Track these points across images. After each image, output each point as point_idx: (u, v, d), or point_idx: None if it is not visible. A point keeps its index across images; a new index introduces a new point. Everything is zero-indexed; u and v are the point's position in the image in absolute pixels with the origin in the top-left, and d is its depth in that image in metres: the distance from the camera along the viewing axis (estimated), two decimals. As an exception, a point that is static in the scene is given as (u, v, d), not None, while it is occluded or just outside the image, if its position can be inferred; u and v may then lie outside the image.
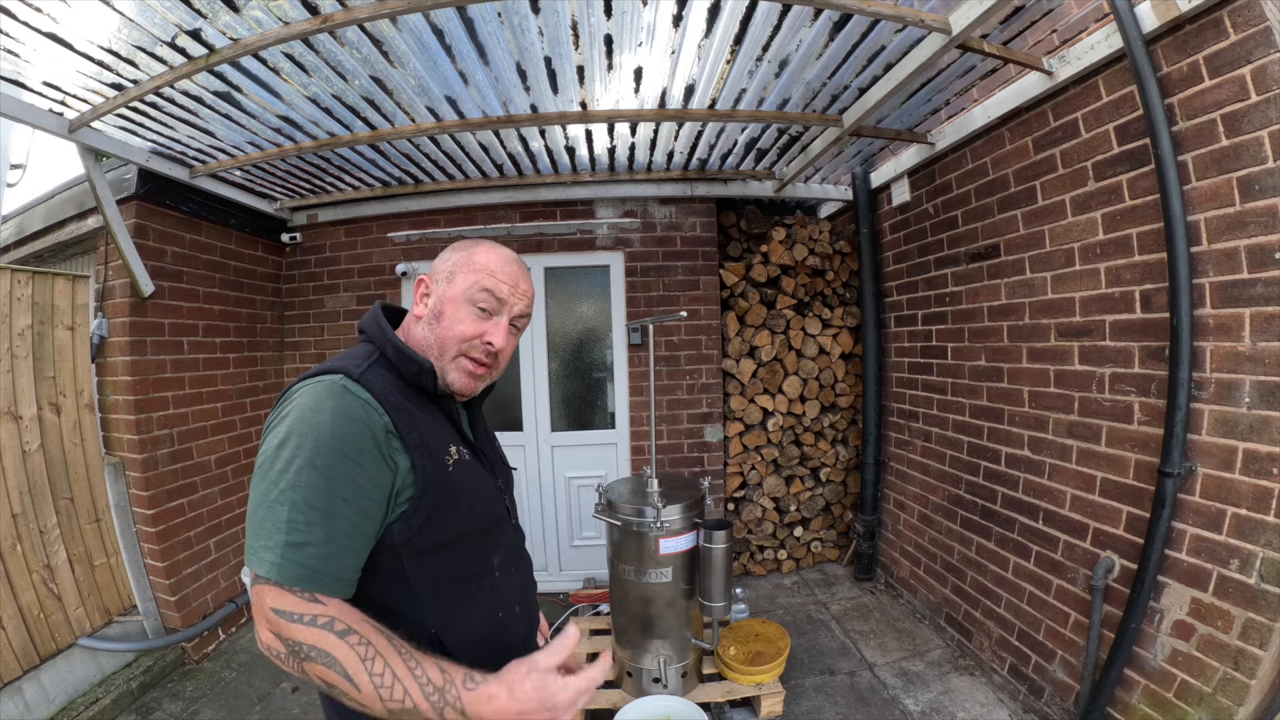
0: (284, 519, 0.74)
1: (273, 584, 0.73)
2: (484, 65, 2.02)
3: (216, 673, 2.77)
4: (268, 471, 0.77)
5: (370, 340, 0.96)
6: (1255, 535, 1.57)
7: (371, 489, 0.80)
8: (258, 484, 0.78)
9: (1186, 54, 1.67)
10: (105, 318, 2.72)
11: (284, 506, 0.75)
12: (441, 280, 0.97)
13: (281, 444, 0.78)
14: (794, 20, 1.84)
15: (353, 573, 0.79)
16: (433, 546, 0.87)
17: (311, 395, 0.81)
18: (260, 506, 0.76)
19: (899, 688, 2.53)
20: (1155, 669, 1.82)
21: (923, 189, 2.99)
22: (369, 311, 1.01)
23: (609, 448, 3.66)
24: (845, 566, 3.79)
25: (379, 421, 0.82)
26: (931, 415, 3.04)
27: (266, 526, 0.75)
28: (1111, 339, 1.99)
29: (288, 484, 0.75)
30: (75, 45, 1.77)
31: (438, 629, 0.87)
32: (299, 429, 0.78)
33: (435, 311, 0.96)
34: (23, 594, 2.32)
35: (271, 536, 0.74)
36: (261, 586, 0.74)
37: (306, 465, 0.76)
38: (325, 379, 0.84)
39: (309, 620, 0.72)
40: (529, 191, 3.43)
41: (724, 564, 2.20)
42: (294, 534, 0.74)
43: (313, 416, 0.79)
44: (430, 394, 0.94)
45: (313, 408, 0.80)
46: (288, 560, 0.73)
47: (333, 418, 0.79)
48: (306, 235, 3.68)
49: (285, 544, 0.73)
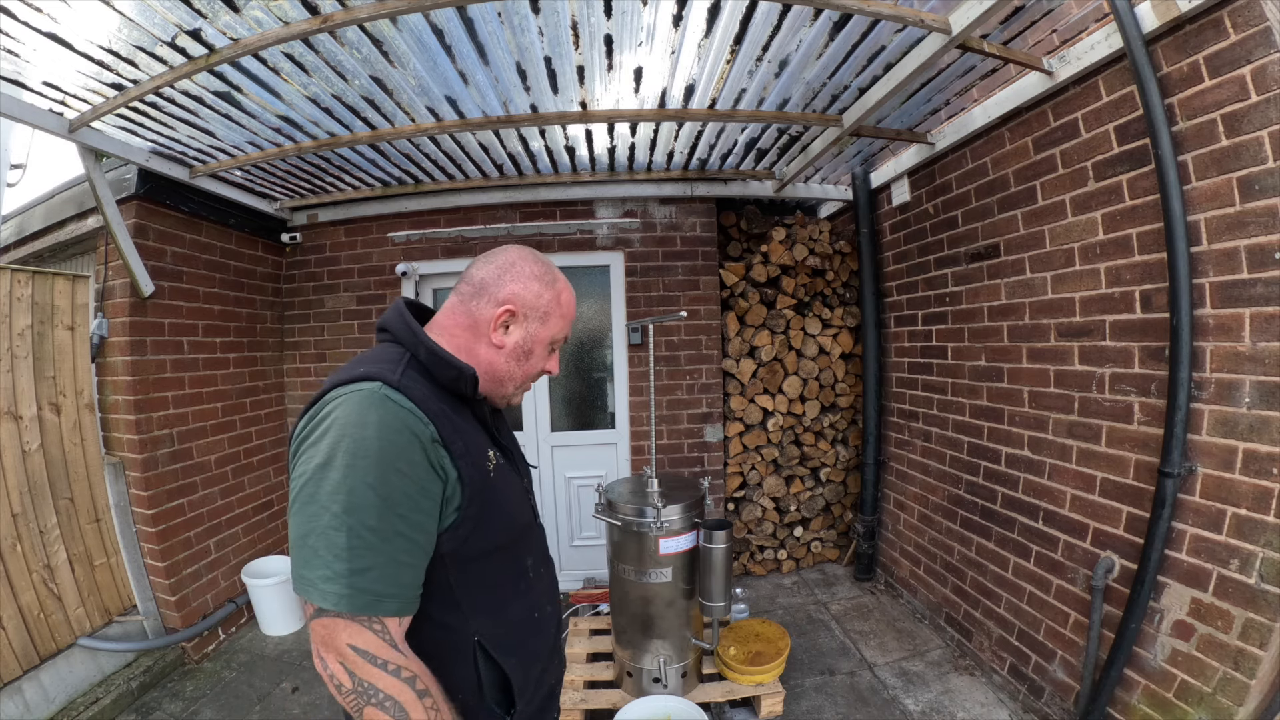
0: (343, 546, 0.71)
1: (344, 617, 0.71)
2: (484, 65, 2.02)
3: (216, 673, 2.77)
4: (314, 494, 0.73)
5: (397, 340, 0.91)
6: (1255, 535, 1.57)
7: (425, 501, 0.77)
8: (304, 508, 0.74)
9: (1186, 54, 1.67)
10: (105, 318, 2.72)
11: (341, 533, 0.71)
12: (535, 320, 0.96)
13: (326, 463, 0.74)
14: (794, 20, 1.84)
15: (416, 590, 0.77)
16: (477, 555, 0.86)
17: (352, 407, 0.77)
18: (311, 534, 0.72)
19: (899, 688, 2.53)
20: (1155, 669, 1.82)
21: (923, 189, 2.99)
22: (391, 309, 0.95)
23: (609, 448, 3.66)
24: (845, 566, 3.79)
25: (425, 431, 0.78)
26: (931, 415, 3.04)
27: (324, 555, 0.71)
28: (1111, 339, 1.99)
29: (341, 507, 0.71)
30: (75, 45, 1.77)
31: (480, 635, 0.87)
32: (345, 445, 0.74)
33: (524, 349, 0.96)
34: (23, 594, 2.32)
35: (332, 566, 0.71)
36: (330, 620, 0.71)
37: (360, 485, 0.72)
38: (363, 387, 0.79)
39: (393, 670, 0.71)
40: (529, 191, 3.43)
41: (724, 564, 2.20)
42: (356, 560, 0.71)
43: (357, 431, 0.74)
44: (464, 398, 0.92)
45: (355, 421, 0.75)
46: (355, 590, 0.71)
47: (379, 430, 0.75)
48: (306, 235, 3.68)
49: (349, 572, 0.70)
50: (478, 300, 0.94)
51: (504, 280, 0.94)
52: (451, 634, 0.83)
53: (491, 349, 0.94)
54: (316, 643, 0.73)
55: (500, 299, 0.94)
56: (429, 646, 0.81)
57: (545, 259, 1.00)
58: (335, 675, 0.72)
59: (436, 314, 0.99)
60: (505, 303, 0.94)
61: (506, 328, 0.95)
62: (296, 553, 0.74)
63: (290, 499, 0.77)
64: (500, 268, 0.95)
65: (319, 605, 0.71)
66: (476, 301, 0.94)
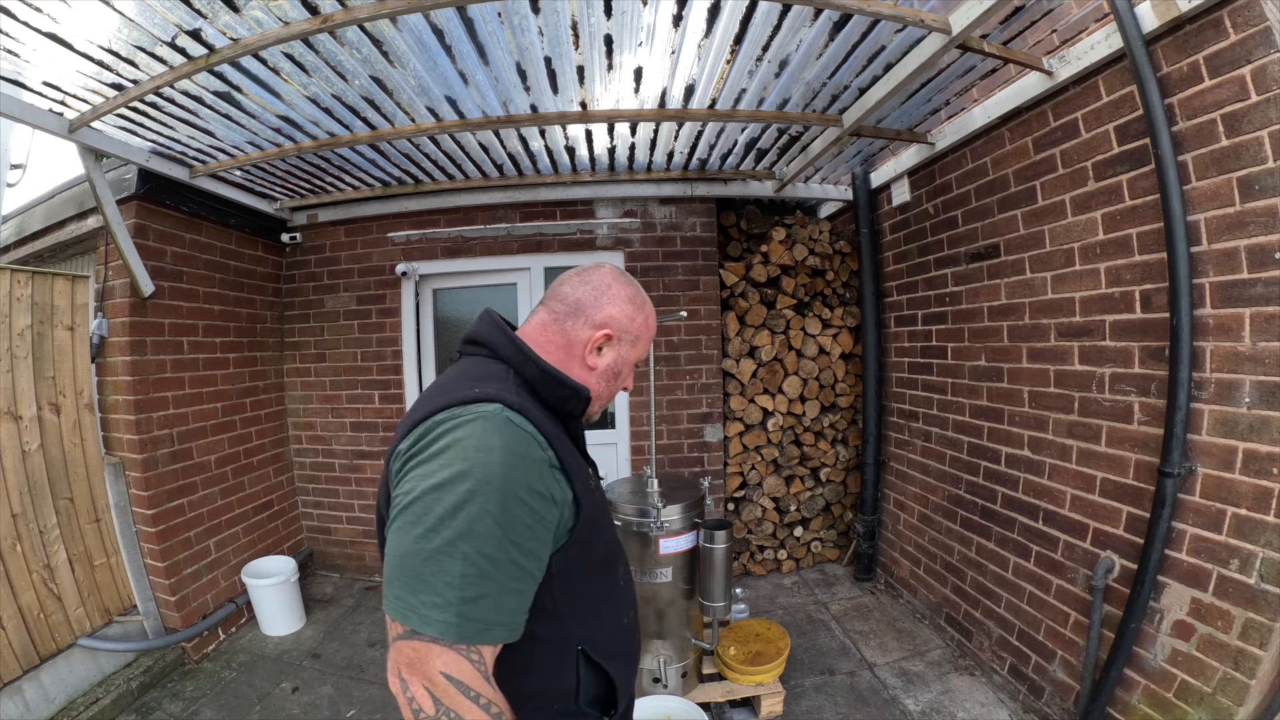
0: (456, 574, 0.68)
1: (441, 643, 0.69)
2: (484, 65, 2.02)
3: (216, 673, 2.77)
4: (423, 516, 0.70)
5: (499, 357, 0.89)
6: (1255, 535, 1.57)
7: (541, 529, 0.76)
8: (410, 528, 0.71)
9: (1186, 54, 1.67)
10: (105, 318, 2.72)
11: (454, 560, 0.69)
12: (627, 343, 0.98)
13: (444, 485, 0.71)
14: (794, 20, 1.84)
15: (523, 616, 0.76)
16: (582, 571, 0.86)
17: (479, 431, 0.74)
18: (417, 557, 0.69)
19: (899, 688, 2.53)
20: (1155, 669, 1.82)
21: (923, 189, 2.99)
22: (486, 323, 0.93)
23: (609, 447, 3.66)
24: (845, 566, 3.79)
25: (545, 456, 0.78)
26: (931, 415, 3.04)
27: (432, 581, 0.69)
28: (1111, 339, 1.99)
29: (456, 533, 0.69)
30: (75, 45, 1.77)
31: (583, 643, 0.87)
32: (468, 469, 0.71)
33: (615, 371, 0.98)
34: (23, 594, 2.32)
35: (442, 593, 0.68)
36: (424, 644, 0.69)
37: (480, 513, 0.70)
38: (485, 409, 0.77)
39: (483, 704, 0.70)
40: (529, 191, 3.43)
41: (724, 564, 2.20)
42: (468, 588, 0.69)
43: (482, 455, 0.72)
44: (566, 417, 0.92)
45: (480, 445, 0.73)
46: (465, 619, 0.69)
47: (504, 456, 0.73)
48: (306, 235, 3.68)
49: (460, 600, 0.68)
50: (573, 321, 0.94)
51: (601, 303, 0.95)
52: (549, 644, 0.83)
53: (585, 370, 0.95)
54: (400, 663, 0.70)
55: (597, 322, 0.94)
56: (521, 657, 0.80)
57: (633, 279, 1.01)
58: (417, 699, 0.69)
59: (525, 329, 0.97)
60: (603, 326, 0.95)
61: (600, 350, 0.96)
62: (397, 573, 0.71)
63: (392, 516, 0.74)
64: (597, 290, 0.96)
65: (422, 631, 0.68)
66: (572, 322, 0.94)
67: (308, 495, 3.84)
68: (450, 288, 3.72)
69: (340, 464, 3.75)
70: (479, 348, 0.92)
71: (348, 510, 3.78)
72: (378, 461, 3.69)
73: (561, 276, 1.00)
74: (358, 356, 3.67)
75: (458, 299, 3.74)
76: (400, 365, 3.63)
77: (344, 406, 3.70)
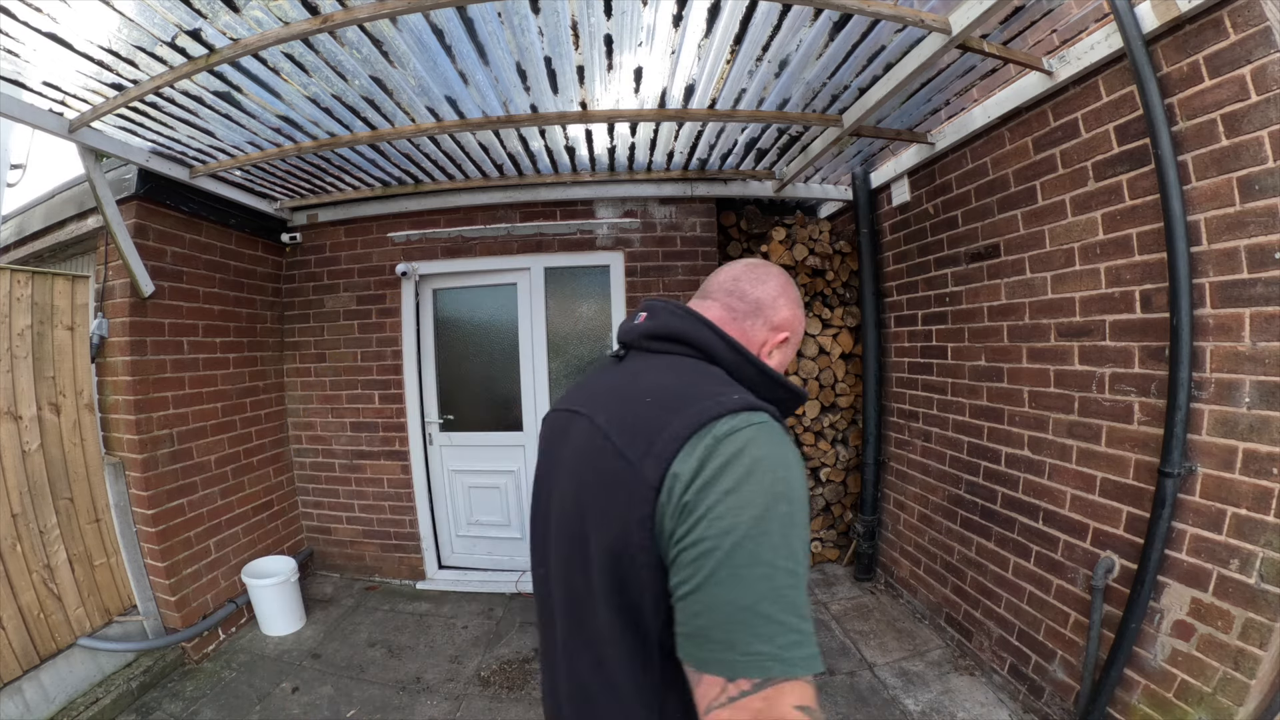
0: (801, 603, 0.63)
1: (788, 680, 0.60)
2: (484, 65, 2.02)
3: (216, 673, 2.77)
4: (757, 553, 0.62)
5: (710, 357, 0.83)
6: (1255, 535, 1.57)
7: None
8: (747, 571, 0.62)
9: (1186, 54, 1.67)
10: (105, 318, 2.72)
11: (798, 590, 0.64)
12: (793, 344, 0.96)
13: (763, 515, 0.64)
14: (794, 20, 1.84)
15: None
16: None
17: (766, 443, 0.69)
18: (764, 600, 0.61)
19: (899, 688, 2.53)
20: (1155, 669, 1.82)
21: (923, 189, 2.99)
22: (685, 317, 0.86)
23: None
24: (845, 566, 3.79)
25: None
26: (931, 415, 3.04)
27: (786, 619, 0.61)
28: (1111, 339, 1.99)
29: (790, 562, 0.64)
30: (75, 45, 1.77)
31: None
32: (783, 492, 0.66)
33: (779, 371, 0.94)
34: (23, 594, 2.32)
35: (799, 628, 0.62)
36: (774, 690, 0.59)
37: (796, 534, 0.66)
38: (760, 418, 0.71)
39: None
40: (529, 191, 3.43)
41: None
42: (809, 613, 0.64)
43: (784, 471, 0.68)
44: None
45: (778, 460, 0.68)
46: (816, 646, 0.63)
47: (799, 469, 0.69)
48: (306, 235, 3.68)
49: (810, 629, 0.63)
50: (752, 320, 0.92)
51: (779, 304, 0.93)
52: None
53: None
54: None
55: (776, 323, 0.93)
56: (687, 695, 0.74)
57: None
58: None
59: None
60: (781, 328, 0.93)
61: (772, 353, 0.94)
62: (741, 626, 0.61)
63: (716, 559, 0.63)
64: (775, 291, 0.94)
65: (785, 675, 0.59)
66: (751, 321, 0.92)
67: (308, 495, 3.84)
68: (450, 288, 3.72)
69: (340, 464, 3.75)
70: (678, 344, 0.84)
71: (348, 510, 3.78)
72: (378, 461, 3.70)
73: (730, 272, 0.95)
74: (358, 356, 3.67)
75: (458, 299, 3.74)
76: (400, 365, 3.63)
77: (344, 406, 3.71)
